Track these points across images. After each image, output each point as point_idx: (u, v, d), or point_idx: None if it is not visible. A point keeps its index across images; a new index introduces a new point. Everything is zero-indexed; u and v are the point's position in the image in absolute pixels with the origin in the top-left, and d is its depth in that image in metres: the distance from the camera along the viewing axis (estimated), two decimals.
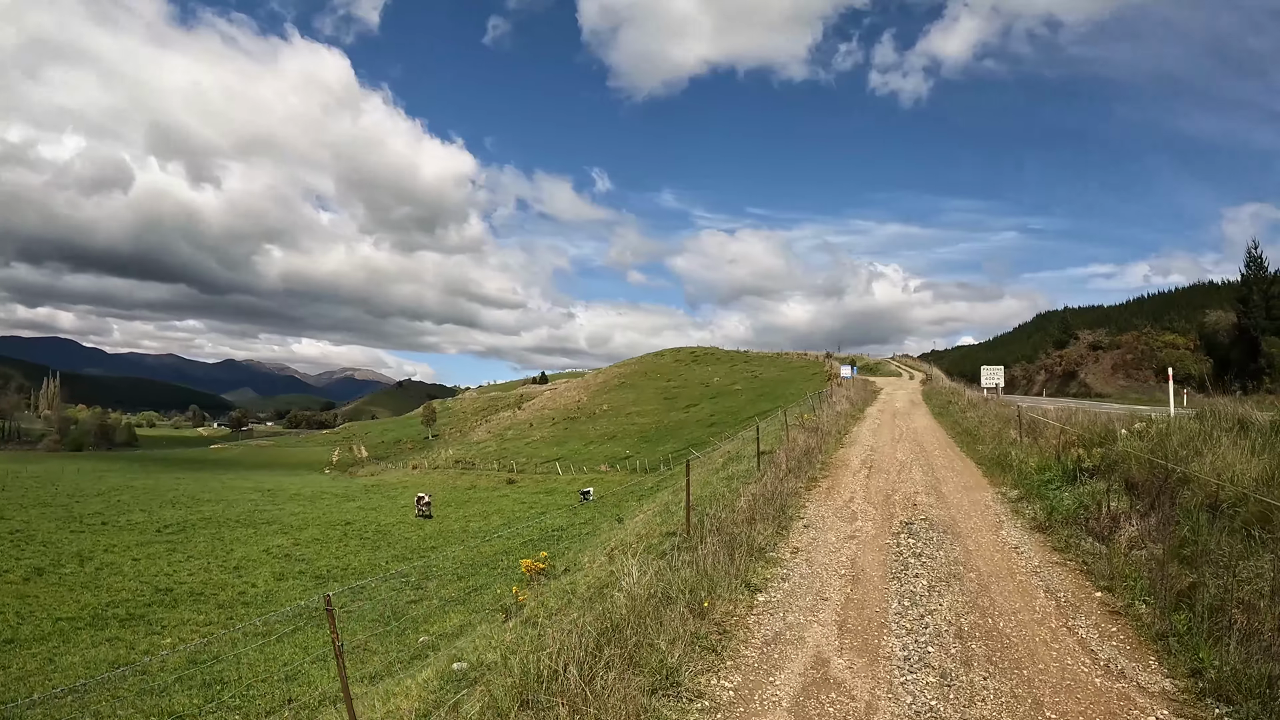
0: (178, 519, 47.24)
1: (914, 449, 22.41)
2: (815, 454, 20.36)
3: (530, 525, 38.97)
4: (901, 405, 43.43)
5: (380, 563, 33.49)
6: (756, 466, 18.35)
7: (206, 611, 24.87)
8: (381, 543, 39.07)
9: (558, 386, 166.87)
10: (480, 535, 39.73)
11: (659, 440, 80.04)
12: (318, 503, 62.12)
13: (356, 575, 30.63)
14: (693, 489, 13.02)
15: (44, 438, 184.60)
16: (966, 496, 14.60)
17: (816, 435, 25.36)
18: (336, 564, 33.29)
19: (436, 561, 30.68)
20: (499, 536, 36.22)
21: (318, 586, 28.45)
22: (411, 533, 42.50)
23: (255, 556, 34.37)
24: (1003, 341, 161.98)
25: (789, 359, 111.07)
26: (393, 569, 31.34)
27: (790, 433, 25.37)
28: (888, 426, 30.57)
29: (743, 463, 22.80)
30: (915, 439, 25.66)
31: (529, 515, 47.03)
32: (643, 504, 30.22)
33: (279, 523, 46.79)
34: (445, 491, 70.57)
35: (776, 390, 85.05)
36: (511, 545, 32.85)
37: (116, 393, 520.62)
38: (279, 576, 30.20)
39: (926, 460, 19.80)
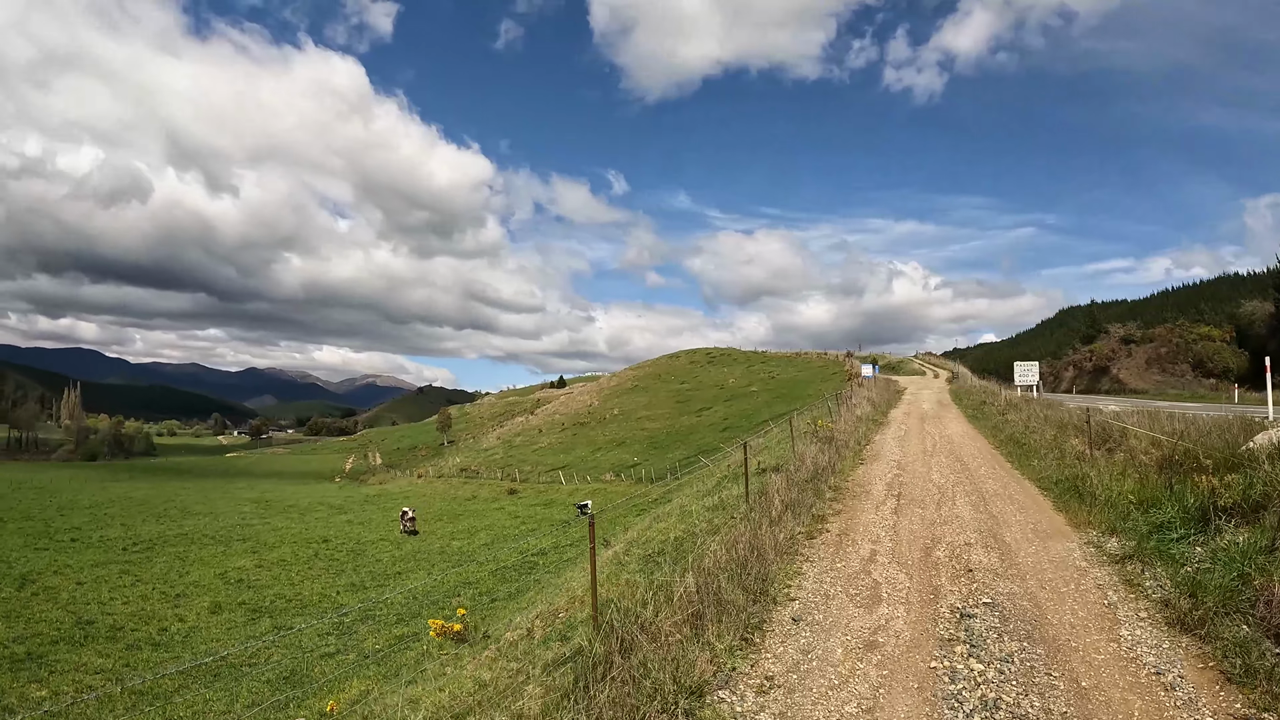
0: (154, 534, 45.11)
1: (953, 465, 17.85)
2: (826, 475, 15.86)
3: (511, 547, 35.06)
4: (929, 407, 38.80)
5: (333, 592, 29.84)
6: (745, 496, 13.81)
7: (112, 653, 21.81)
8: (349, 565, 35.67)
9: (573, 391, 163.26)
10: (456, 558, 36.00)
11: (669, 446, 75.65)
12: (308, 516, 58.77)
13: (300, 607, 27.35)
14: (658, 530, 8.50)
15: (60, 447, 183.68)
16: (1043, 550, 10.01)
17: (831, 447, 20.87)
18: (286, 592, 29.94)
19: (391, 594, 27.14)
20: (473, 562, 32.74)
21: (249, 623, 25.21)
22: (387, 553, 38.91)
23: (206, 582, 31.77)
24: (1025, 338, 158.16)
25: (808, 359, 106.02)
26: (342, 600, 28.10)
27: (799, 444, 20.90)
28: (916, 434, 25.98)
29: (741, 484, 18.44)
30: (952, 450, 21.07)
31: (519, 532, 43.27)
32: (641, 519, 26.14)
33: (254, 540, 43.94)
34: (443, 502, 67.00)
35: (794, 391, 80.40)
36: (480, 575, 29.19)
37: (139, 402, 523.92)
38: (215, 609, 27.12)
39: (972, 483, 15.26)
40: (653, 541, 13.87)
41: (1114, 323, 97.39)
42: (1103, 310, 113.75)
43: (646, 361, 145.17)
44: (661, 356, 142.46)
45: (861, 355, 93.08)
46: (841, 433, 24.59)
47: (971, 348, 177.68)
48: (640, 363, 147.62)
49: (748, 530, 9.98)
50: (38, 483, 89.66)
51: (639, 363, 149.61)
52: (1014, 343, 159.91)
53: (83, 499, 69.86)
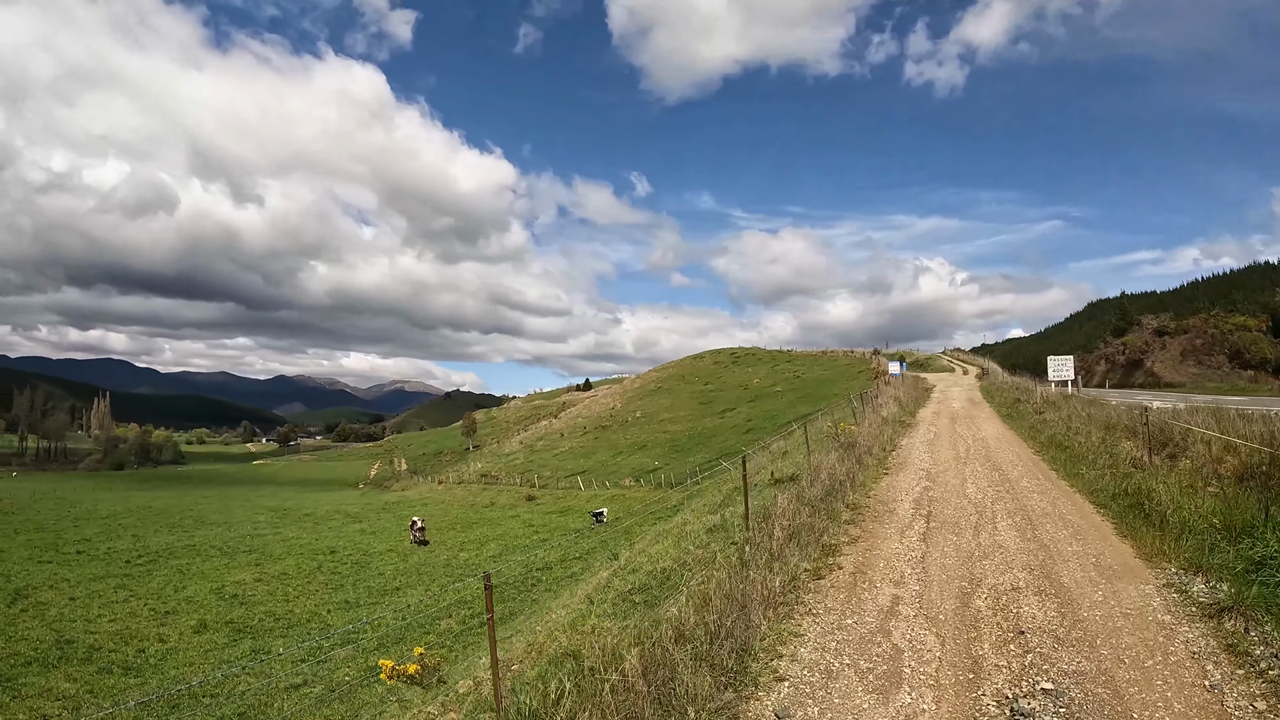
0: (162, 546, 44.16)
1: (990, 475, 15.72)
2: (844, 490, 13.80)
3: (518, 560, 33.24)
4: (960, 406, 36.54)
5: (324, 611, 28.27)
6: (745, 520, 11.77)
7: (81, 677, 20.75)
8: (349, 580, 34.17)
9: (597, 394, 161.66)
10: (460, 571, 34.35)
11: (690, 449, 73.58)
12: (321, 525, 57.50)
13: (286, 627, 25.92)
14: (650, 556, 6.58)
15: (88, 457, 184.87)
16: (1112, 596, 7.87)
17: (852, 455, 18.81)
18: (278, 609, 28.56)
19: (380, 614, 25.78)
20: (476, 576, 30.69)
21: (231, 644, 23.91)
22: (391, 565, 37.42)
23: (201, 598, 30.68)
24: (1054, 332, 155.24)
25: (833, 357, 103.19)
26: (332, 620, 26.49)
27: (816, 453, 18.87)
28: (947, 437, 23.82)
29: (755, 497, 16.52)
30: (987, 456, 18.91)
31: (530, 542, 41.52)
32: (652, 530, 24.31)
33: (261, 551, 42.81)
34: (460, 510, 65.44)
35: (819, 391, 78.02)
36: (478, 591, 27.16)
37: (169, 411, 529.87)
38: (200, 628, 25.91)
39: (1014, 497, 13.15)
40: (641, 570, 11.99)
41: (1145, 314, 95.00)
42: (1133, 302, 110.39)
43: (670, 362, 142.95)
44: (685, 357, 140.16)
45: (888, 353, 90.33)
46: (865, 437, 22.52)
47: (999, 343, 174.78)
48: (664, 364, 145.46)
49: (730, 577, 7.94)
50: (60, 493, 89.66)
51: (662, 364, 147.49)
52: (1042, 337, 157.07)
53: (101, 509, 69.27)
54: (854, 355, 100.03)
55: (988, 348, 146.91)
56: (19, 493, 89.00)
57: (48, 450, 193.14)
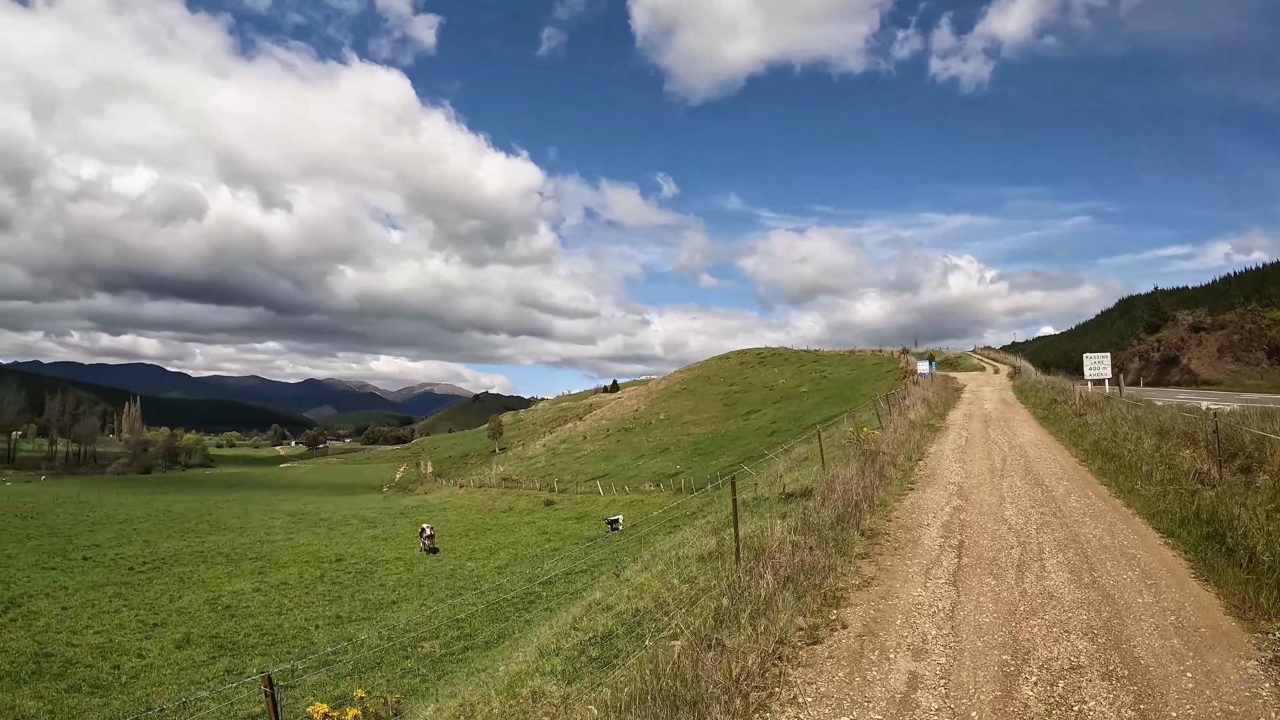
0: (170, 552, 43.52)
1: (1031, 492, 13.70)
2: (860, 512, 11.86)
3: (523, 572, 31.62)
4: (993, 407, 34.36)
5: (314, 626, 26.84)
6: (736, 557, 9.84)
7: (48, 695, 19.94)
8: (349, 591, 32.82)
9: (622, 396, 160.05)
10: (463, 583, 32.88)
11: (713, 452, 71.61)
12: (335, 531, 56.27)
13: (270, 644, 24.70)
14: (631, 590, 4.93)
15: (116, 460, 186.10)
16: (1205, 680, 5.84)
17: (874, 465, 16.85)
18: (267, 624, 27.35)
19: (366, 633, 24.10)
20: (477, 589, 29.52)
21: (209, 662, 22.81)
22: (395, 576, 36.02)
23: (194, 609, 29.76)
24: (1085, 329, 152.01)
25: (861, 356, 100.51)
26: (318, 637, 25.09)
27: (833, 464, 16.94)
28: (980, 443, 21.73)
29: (759, 517, 14.77)
30: (1027, 467, 16.84)
31: (541, 552, 40.00)
32: (674, 535, 22.55)
33: (267, 558, 41.78)
34: (477, 515, 63.94)
35: (846, 392, 75.72)
36: (474, 608, 25.79)
37: (200, 415, 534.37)
38: (183, 643, 24.86)
39: (1063, 523, 11.14)
40: (614, 609, 10.25)
41: (1179, 310, 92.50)
42: (1166, 297, 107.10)
43: (696, 364, 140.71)
44: (711, 358, 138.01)
45: (917, 352, 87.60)
46: (889, 443, 20.53)
47: (1030, 341, 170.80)
48: (690, 365, 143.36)
49: (694, 646, 6.01)
50: (83, 497, 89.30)
51: (688, 365, 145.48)
52: (1073, 334, 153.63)
53: (120, 513, 68.64)
54: (882, 354, 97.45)
55: (1018, 345, 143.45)
56: (43, 496, 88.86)
57: (77, 454, 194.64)
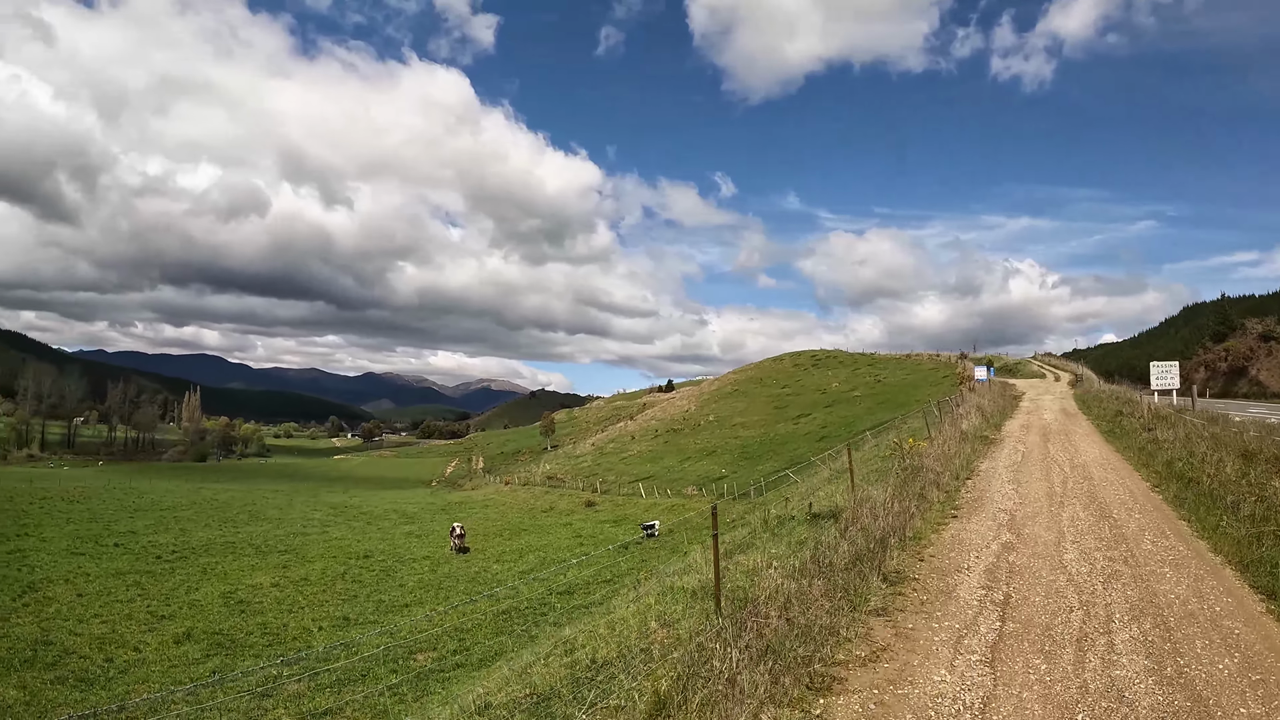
0: (201, 541, 43.52)
1: (1097, 529, 11.53)
2: (886, 549, 9.89)
3: (544, 579, 29.93)
4: (1052, 418, 31.83)
5: (318, 627, 25.83)
6: (717, 608, 7.96)
7: (30, 685, 19.61)
8: (366, 590, 31.92)
9: (675, 395, 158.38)
10: (484, 587, 31.63)
11: (760, 456, 69.45)
12: (371, 526, 55.72)
13: (267, 644, 23.97)
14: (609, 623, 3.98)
15: (173, 448, 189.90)
16: None
17: (915, 483, 14.89)
18: (273, 622, 26.61)
19: (367, 636, 23.01)
20: (493, 595, 27.93)
21: (202, 660, 22.19)
22: (417, 576, 34.92)
23: (206, 602, 29.28)
24: (1148, 337, 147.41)
25: (918, 361, 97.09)
26: (318, 640, 23.94)
27: (865, 484, 14.98)
28: (1038, 460, 19.47)
29: (776, 541, 12.97)
30: (1091, 493, 14.63)
31: (571, 555, 38.38)
32: (703, 548, 20.89)
33: (295, 551, 41.44)
34: (517, 514, 62.74)
35: (900, 397, 72.97)
36: (482, 616, 24.39)
37: (260, 406, 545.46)
38: (184, 638, 24.28)
39: (1136, 574, 8.98)
40: (575, 654, 8.55)
41: (1247, 318, 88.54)
42: (1233, 305, 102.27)
43: (750, 365, 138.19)
44: (765, 359, 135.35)
45: (975, 357, 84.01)
46: (935, 457, 18.46)
47: (1091, 348, 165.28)
48: (743, 366, 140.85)
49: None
50: (134, 483, 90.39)
51: (741, 366, 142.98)
52: (1136, 342, 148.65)
53: (166, 500, 68.95)
54: (939, 359, 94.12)
55: (1079, 353, 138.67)
56: (96, 482, 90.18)
57: (136, 441, 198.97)
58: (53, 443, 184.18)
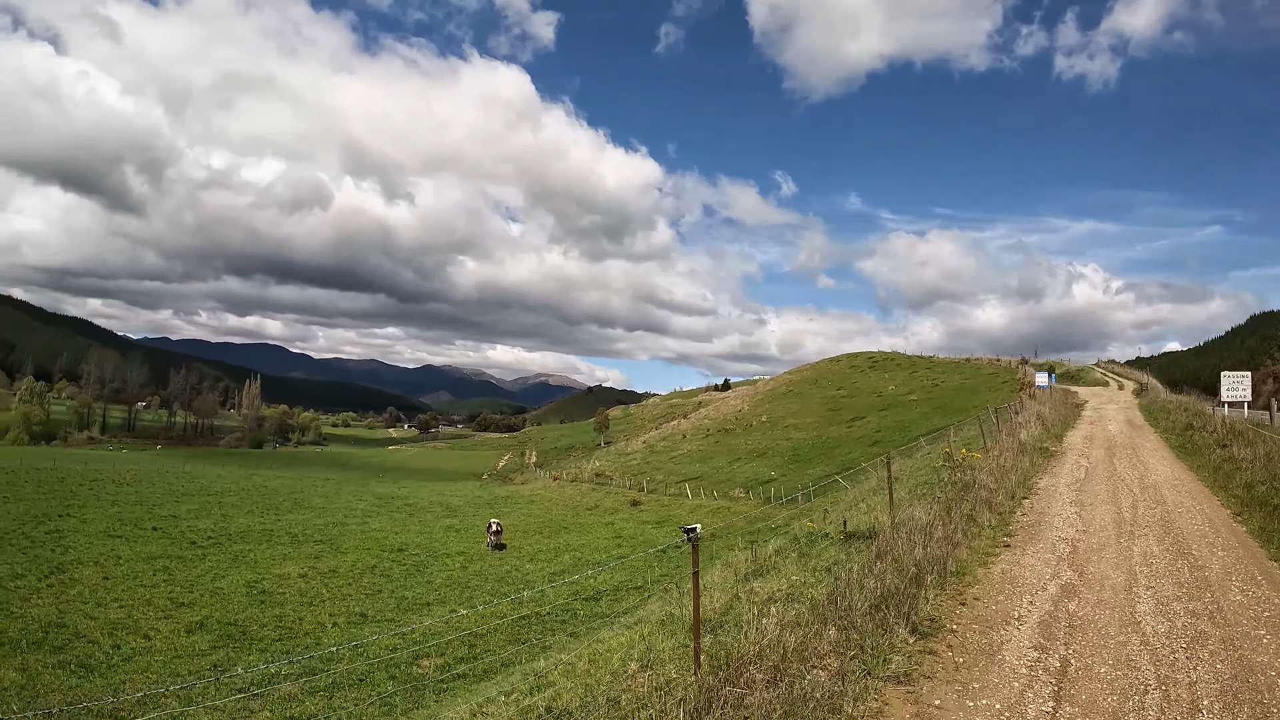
0: (240, 528, 43.43)
1: (1174, 568, 9.83)
2: (920, 588, 8.35)
3: (574, 581, 28.78)
4: (1118, 429, 29.69)
5: (334, 624, 24.92)
6: (695, 665, 6.54)
7: (29, 669, 19.11)
8: (389, 586, 30.95)
9: (729, 395, 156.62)
10: (512, 588, 30.33)
11: (811, 460, 67.52)
12: (414, 518, 55.28)
13: (278, 638, 23.10)
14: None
15: (230, 434, 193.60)
16: None
17: (964, 502, 13.30)
18: (290, 615, 25.80)
19: (380, 636, 21.99)
20: (518, 597, 26.87)
21: (208, 652, 21.44)
22: (446, 573, 33.80)
23: (229, 590, 28.75)
24: (1214, 346, 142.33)
25: (977, 365, 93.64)
26: (331, 637, 22.94)
27: (906, 502, 13.44)
28: (1103, 478, 17.64)
29: (805, 565, 11.58)
30: (1165, 522, 12.87)
31: (607, 557, 37.26)
32: (744, 552, 19.46)
33: (331, 542, 40.85)
34: (561, 511, 61.78)
35: (957, 402, 70.29)
36: (500, 621, 23.12)
37: (320, 396, 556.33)
38: (195, 627, 23.69)
39: (1226, 636, 7.27)
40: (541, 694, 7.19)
41: None
42: None
43: (806, 365, 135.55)
44: (821, 360, 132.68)
45: (1037, 363, 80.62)
46: (990, 470, 16.78)
47: (1155, 357, 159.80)
48: (799, 366, 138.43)
49: None
50: (187, 468, 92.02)
51: (797, 366, 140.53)
52: (1200, 351, 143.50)
53: (215, 485, 69.70)
54: (999, 364, 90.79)
55: (1142, 361, 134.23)
56: (149, 465, 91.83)
57: (195, 427, 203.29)
58: (114, 426, 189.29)
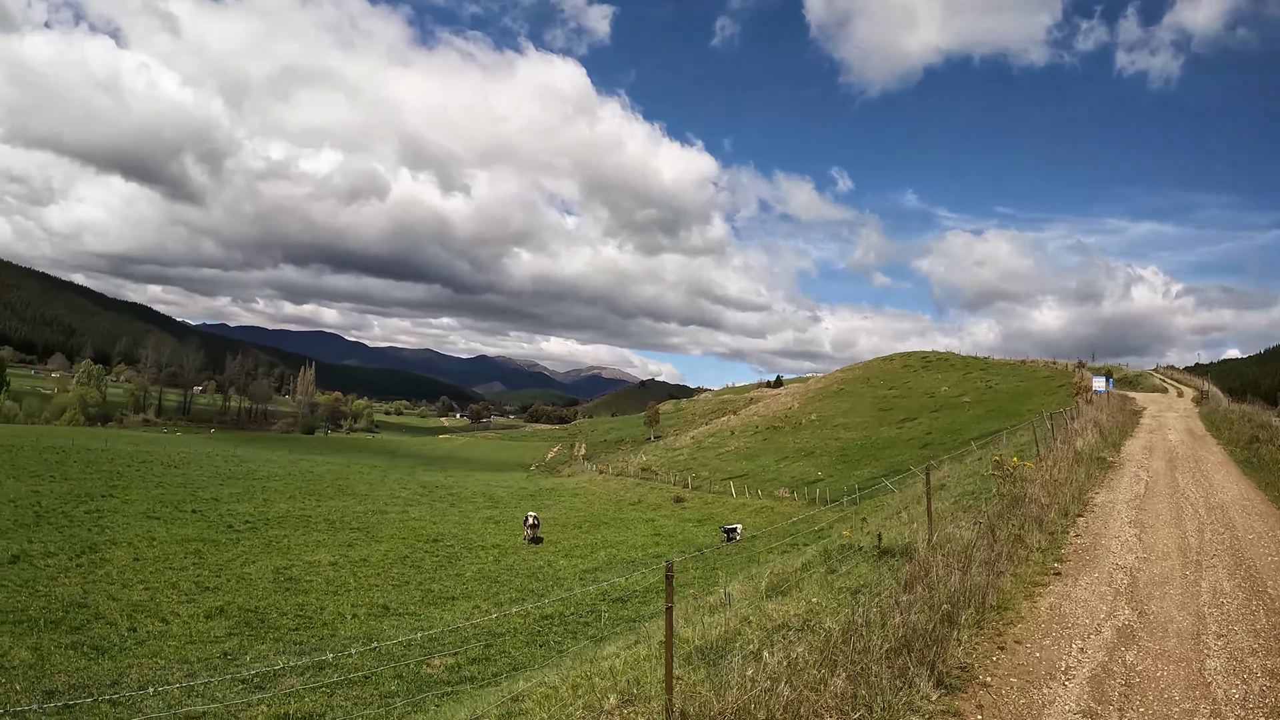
0: (279, 513, 44.06)
1: (1249, 611, 8.59)
2: (954, 628, 7.30)
3: (608, 581, 27.96)
4: (1179, 439, 27.97)
5: (356, 615, 24.45)
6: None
7: (42, 649, 19.07)
8: (418, 578, 30.50)
9: (780, 392, 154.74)
10: (542, 584, 29.78)
11: (859, 461, 65.81)
12: (454, 508, 55.45)
13: (296, 627, 22.91)
14: None
15: (283, 420, 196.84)
16: None
17: (1012, 517, 12.15)
18: (313, 604, 25.57)
19: (398, 639, 20.79)
20: (546, 596, 26.20)
21: (223, 639, 21.20)
22: (477, 566, 33.35)
23: (256, 576, 29.05)
24: (1275, 354, 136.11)
25: (1032, 368, 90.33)
26: (349, 629, 22.78)
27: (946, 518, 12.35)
28: (1165, 495, 16.27)
29: (832, 587, 10.61)
30: (1236, 550, 11.55)
31: (644, 556, 36.57)
32: (787, 559, 18.50)
33: (367, 529, 41.03)
34: (603, 505, 61.01)
35: (1010, 406, 67.93)
36: (522, 621, 22.36)
37: (374, 384, 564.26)
38: (215, 613, 23.72)
39: None
40: None
41: None
42: None
43: (857, 364, 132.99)
44: (874, 359, 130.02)
45: (1094, 366, 77.53)
46: (1042, 483, 15.51)
47: (1214, 364, 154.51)
48: (851, 365, 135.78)
49: None
50: (236, 452, 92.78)
51: (849, 365, 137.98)
52: (1262, 359, 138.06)
53: (261, 470, 70.53)
54: (1055, 367, 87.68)
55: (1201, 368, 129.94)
56: (200, 448, 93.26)
57: (249, 412, 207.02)
58: (169, 410, 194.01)
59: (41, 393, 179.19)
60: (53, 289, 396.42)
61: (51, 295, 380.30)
